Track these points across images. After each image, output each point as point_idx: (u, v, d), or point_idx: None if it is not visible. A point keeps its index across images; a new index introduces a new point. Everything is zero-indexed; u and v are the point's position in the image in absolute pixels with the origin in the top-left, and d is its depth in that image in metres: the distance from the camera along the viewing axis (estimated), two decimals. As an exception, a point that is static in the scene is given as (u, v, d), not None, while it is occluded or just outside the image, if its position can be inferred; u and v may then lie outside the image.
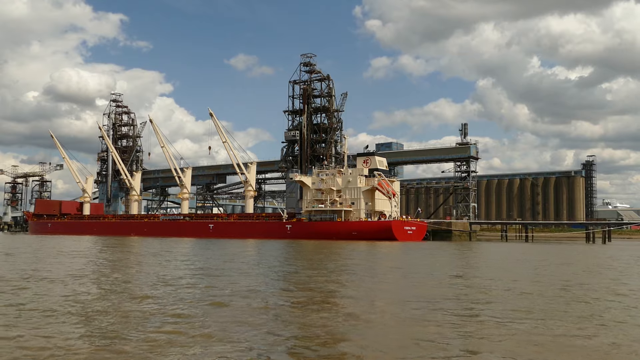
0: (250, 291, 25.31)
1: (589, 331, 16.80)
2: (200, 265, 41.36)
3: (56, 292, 24.50)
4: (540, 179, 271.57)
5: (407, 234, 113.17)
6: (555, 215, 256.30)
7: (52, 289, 25.68)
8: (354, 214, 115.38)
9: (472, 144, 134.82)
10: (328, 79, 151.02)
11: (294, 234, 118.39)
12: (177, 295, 23.95)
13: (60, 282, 28.62)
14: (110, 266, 41.65)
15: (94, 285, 28.06)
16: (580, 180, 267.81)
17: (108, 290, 25.84)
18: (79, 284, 28.18)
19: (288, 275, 33.90)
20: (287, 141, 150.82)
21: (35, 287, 26.63)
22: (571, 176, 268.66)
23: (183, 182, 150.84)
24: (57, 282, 28.64)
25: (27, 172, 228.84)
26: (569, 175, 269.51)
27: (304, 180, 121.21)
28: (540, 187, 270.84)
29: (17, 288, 25.91)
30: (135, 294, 24.27)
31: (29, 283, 28.19)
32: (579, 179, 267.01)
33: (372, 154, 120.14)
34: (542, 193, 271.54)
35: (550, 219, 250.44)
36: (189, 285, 27.89)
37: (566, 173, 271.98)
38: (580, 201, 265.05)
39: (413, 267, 44.04)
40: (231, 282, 29.05)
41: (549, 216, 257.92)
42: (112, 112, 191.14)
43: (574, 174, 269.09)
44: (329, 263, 44.99)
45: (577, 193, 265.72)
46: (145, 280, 30.36)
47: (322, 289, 26.72)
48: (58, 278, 30.79)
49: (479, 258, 58.56)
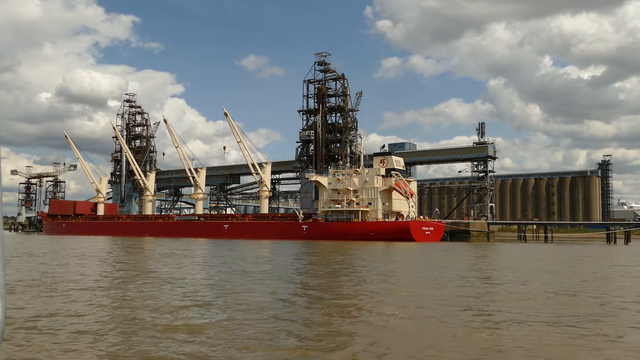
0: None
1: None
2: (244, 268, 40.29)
3: (86, 300, 23.47)
4: (555, 179, 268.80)
5: (425, 234, 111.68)
6: (570, 216, 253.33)
7: (81, 297, 24.66)
8: (370, 214, 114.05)
9: (489, 143, 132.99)
10: (343, 78, 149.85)
11: (310, 235, 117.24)
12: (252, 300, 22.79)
13: (98, 289, 27.62)
14: (147, 270, 40.71)
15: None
16: (597, 180, 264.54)
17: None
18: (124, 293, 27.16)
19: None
20: (301, 141, 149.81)
21: (62, 294, 25.63)
22: (587, 176, 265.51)
23: (197, 182, 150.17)
24: (86, 289, 27.64)
25: (40, 173, 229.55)
26: (584, 175, 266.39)
27: (320, 180, 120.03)
28: (555, 187, 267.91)
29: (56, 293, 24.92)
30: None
31: (56, 289, 27.20)
32: (595, 178, 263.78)
33: (389, 154, 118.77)
34: (558, 193, 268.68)
35: (565, 219, 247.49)
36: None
37: (582, 173, 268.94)
38: (596, 201, 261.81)
39: (446, 269, 42.65)
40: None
41: (564, 216, 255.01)
42: (125, 112, 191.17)
43: (590, 174, 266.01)
44: (365, 272, 43.78)
45: (593, 193, 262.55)
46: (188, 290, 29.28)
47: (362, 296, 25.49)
48: (87, 284, 29.81)
49: (517, 260, 57.05)
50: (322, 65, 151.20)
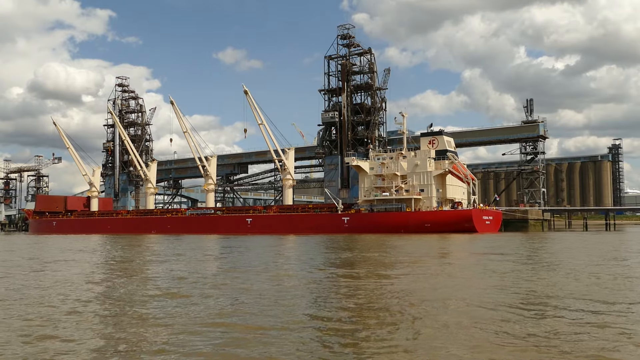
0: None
1: None
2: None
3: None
4: (564, 164, 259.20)
5: (485, 224, 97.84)
6: (581, 202, 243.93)
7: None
8: (424, 203, 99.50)
9: (540, 122, 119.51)
10: (369, 52, 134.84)
11: (352, 228, 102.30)
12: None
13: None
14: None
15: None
16: (608, 165, 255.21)
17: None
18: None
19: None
20: (324, 124, 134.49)
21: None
22: (598, 161, 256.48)
23: (208, 171, 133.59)
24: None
25: (21, 167, 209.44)
26: (595, 160, 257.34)
27: (361, 165, 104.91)
28: (564, 173, 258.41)
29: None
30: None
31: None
32: (606, 163, 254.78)
33: (440, 133, 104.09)
34: (567, 179, 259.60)
35: (576, 205, 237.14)
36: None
37: (592, 158, 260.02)
38: (608, 186, 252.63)
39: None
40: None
41: (574, 202, 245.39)
42: (117, 97, 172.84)
43: (601, 159, 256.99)
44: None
45: (605, 178, 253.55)
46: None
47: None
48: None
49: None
50: (346, 38, 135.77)
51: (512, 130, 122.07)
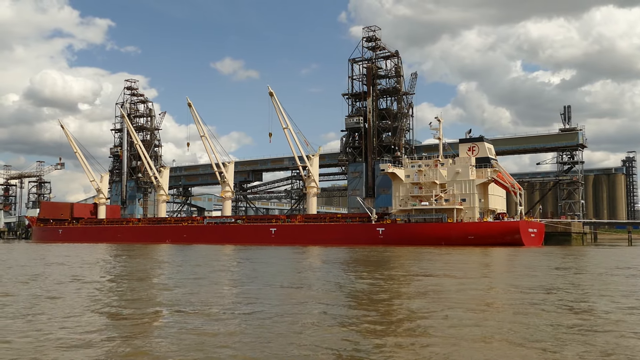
0: None
1: None
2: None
3: None
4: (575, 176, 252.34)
5: (530, 237, 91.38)
6: (595, 215, 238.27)
7: None
8: (466, 214, 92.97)
9: (579, 130, 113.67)
10: (396, 56, 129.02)
11: (387, 239, 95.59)
12: None
13: None
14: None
15: None
16: (622, 178, 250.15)
17: None
18: None
19: None
20: (347, 129, 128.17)
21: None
22: (611, 174, 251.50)
23: (225, 178, 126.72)
24: None
25: (21, 173, 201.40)
26: (609, 173, 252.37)
27: (396, 173, 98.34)
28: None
29: None
30: None
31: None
32: (619, 176, 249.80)
33: (481, 140, 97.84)
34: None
35: (589, 218, 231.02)
36: None
37: (606, 171, 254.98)
38: (622, 200, 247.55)
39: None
40: None
41: (587, 216, 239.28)
42: (126, 101, 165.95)
43: (615, 172, 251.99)
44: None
45: (619, 191, 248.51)
46: None
47: None
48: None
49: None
50: (371, 41, 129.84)
51: (550, 139, 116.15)
